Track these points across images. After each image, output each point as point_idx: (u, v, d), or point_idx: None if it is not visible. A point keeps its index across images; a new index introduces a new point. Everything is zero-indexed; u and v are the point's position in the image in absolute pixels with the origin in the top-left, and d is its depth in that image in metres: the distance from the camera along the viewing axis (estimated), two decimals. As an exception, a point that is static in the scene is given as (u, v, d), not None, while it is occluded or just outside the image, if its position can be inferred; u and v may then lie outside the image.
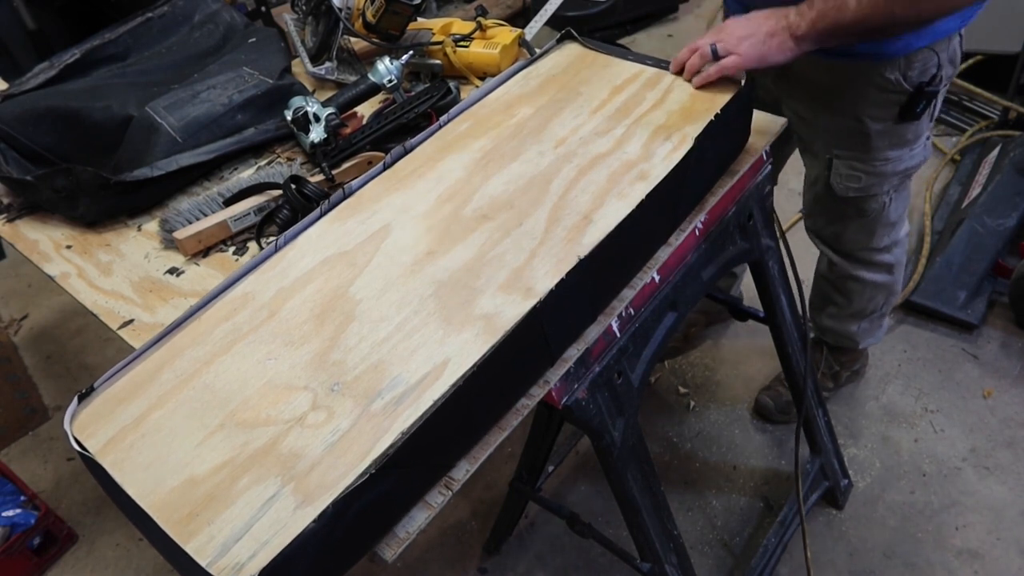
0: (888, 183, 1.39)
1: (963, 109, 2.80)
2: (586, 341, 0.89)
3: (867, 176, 1.37)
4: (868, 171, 1.36)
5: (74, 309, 2.48)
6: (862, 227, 1.50)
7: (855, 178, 1.38)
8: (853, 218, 1.48)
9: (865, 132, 1.31)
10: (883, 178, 1.38)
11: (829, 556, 1.65)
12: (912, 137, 1.33)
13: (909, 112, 1.27)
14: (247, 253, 1.10)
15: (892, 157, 1.34)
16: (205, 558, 0.64)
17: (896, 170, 1.37)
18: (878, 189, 1.40)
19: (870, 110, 1.29)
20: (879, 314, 1.73)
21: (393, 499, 0.73)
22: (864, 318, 1.72)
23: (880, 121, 1.30)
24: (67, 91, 1.26)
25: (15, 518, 1.78)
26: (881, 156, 1.34)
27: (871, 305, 1.68)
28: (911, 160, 1.37)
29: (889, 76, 1.24)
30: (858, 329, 1.75)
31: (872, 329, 1.77)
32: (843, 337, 1.78)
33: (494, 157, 1.00)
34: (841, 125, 1.33)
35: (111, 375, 0.80)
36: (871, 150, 1.33)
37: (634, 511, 1.10)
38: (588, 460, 1.88)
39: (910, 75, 1.23)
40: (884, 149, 1.33)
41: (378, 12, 1.37)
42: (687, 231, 1.01)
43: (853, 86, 1.28)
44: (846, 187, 1.40)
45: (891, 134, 1.31)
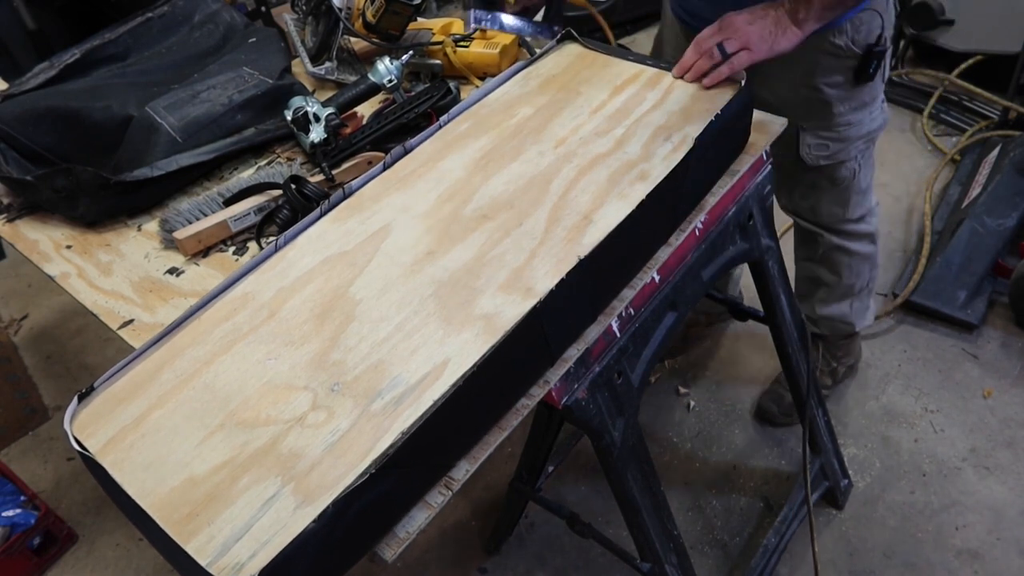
0: (855, 148, 1.44)
1: (963, 109, 2.80)
2: (586, 341, 0.89)
3: (834, 143, 1.42)
4: (834, 137, 1.41)
5: (74, 309, 2.48)
6: (836, 198, 1.54)
7: (823, 146, 1.42)
8: (826, 189, 1.52)
9: (825, 100, 1.36)
10: (849, 143, 1.43)
11: (829, 556, 1.65)
12: (869, 99, 1.39)
13: (863, 74, 1.33)
14: (247, 253, 1.10)
15: (854, 121, 1.40)
16: (205, 558, 0.64)
17: (860, 134, 1.42)
18: (846, 155, 1.45)
19: (826, 78, 1.34)
20: (867, 290, 1.76)
21: (393, 499, 0.73)
22: (855, 295, 1.75)
23: (837, 87, 1.35)
24: (67, 91, 1.26)
25: (15, 518, 1.78)
26: (843, 121, 1.39)
27: (859, 280, 1.72)
28: (872, 123, 1.43)
29: (838, 42, 1.29)
30: (850, 309, 1.77)
31: (863, 308, 1.79)
32: (838, 322, 1.80)
33: (494, 157, 1.00)
34: (801, 97, 1.37)
35: (111, 375, 0.80)
36: (833, 116, 1.38)
37: (634, 511, 1.10)
38: (588, 460, 1.88)
39: (857, 39, 1.29)
40: (846, 114, 1.39)
41: (378, 12, 1.37)
42: (687, 231, 1.01)
43: (806, 57, 1.31)
44: (816, 156, 1.44)
45: (849, 98, 1.37)
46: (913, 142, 2.74)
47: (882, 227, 2.39)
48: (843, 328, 1.82)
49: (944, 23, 2.76)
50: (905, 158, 2.67)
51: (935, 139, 2.70)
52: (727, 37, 1.08)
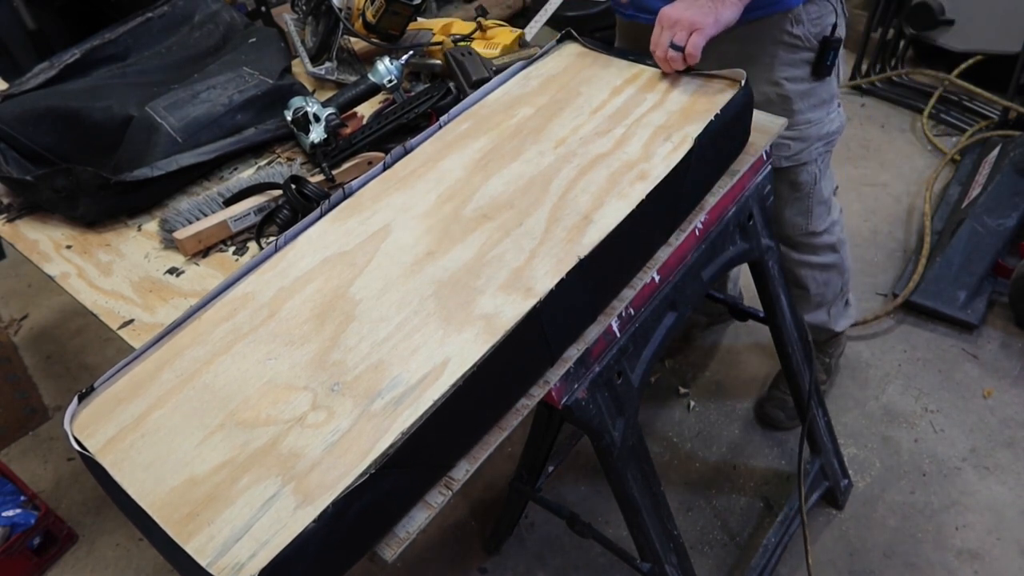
0: (815, 149, 1.46)
1: (963, 109, 2.80)
2: (586, 341, 0.89)
3: (795, 142, 1.43)
4: (795, 136, 1.43)
5: (74, 309, 2.48)
6: (798, 206, 1.55)
7: (784, 146, 1.44)
8: (787, 196, 1.53)
9: (785, 95, 1.38)
10: (809, 143, 1.44)
11: (829, 556, 1.65)
12: (828, 97, 1.42)
13: (820, 67, 1.36)
14: (247, 253, 1.10)
15: (814, 119, 1.42)
16: (205, 558, 0.64)
17: (820, 133, 1.44)
18: (807, 156, 1.46)
19: (785, 71, 1.36)
20: (841, 295, 1.77)
21: (393, 499, 0.73)
22: (829, 304, 1.76)
23: (796, 81, 1.37)
24: (67, 91, 1.26)
25: (15, 518, 1.78)
26: (803, 119, 1.41)
27: (828, 291, 1.73)
28: (831, 124, 1.45)
29: (796, 32, 1.31)
30: (828, 316, 1.78)
31: (840, 312, 1.80)
32: (818, 329, 1.81)
33: (494, 157, 1.00)
34: (762, 94, 1.38)
35: (111, 375, 0.80)
36: (794, 113, 1.40)
37: (634, 511, 1.10)
38: (588, 460, 1.88)
39: (813, 30, 1.32)
40: (805, 111, 1.41)
41: (378, 12, 1.37)
42: (687, 231, 1.01)
43: (765, 51, 1.33)
44: (778, 158, 1.45)
45: (809, 95, 1.39)
46: (913, 142, 2.74)
47: (882, 227, 2.40)
48: (824, 333, 1.84)
49: (944, 23, 2.76)
50: (905, 158, 2.67)
51: (935, 139, 2.70)
52: (672, 32, 1.08)
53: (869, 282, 2.22)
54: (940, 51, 2.84)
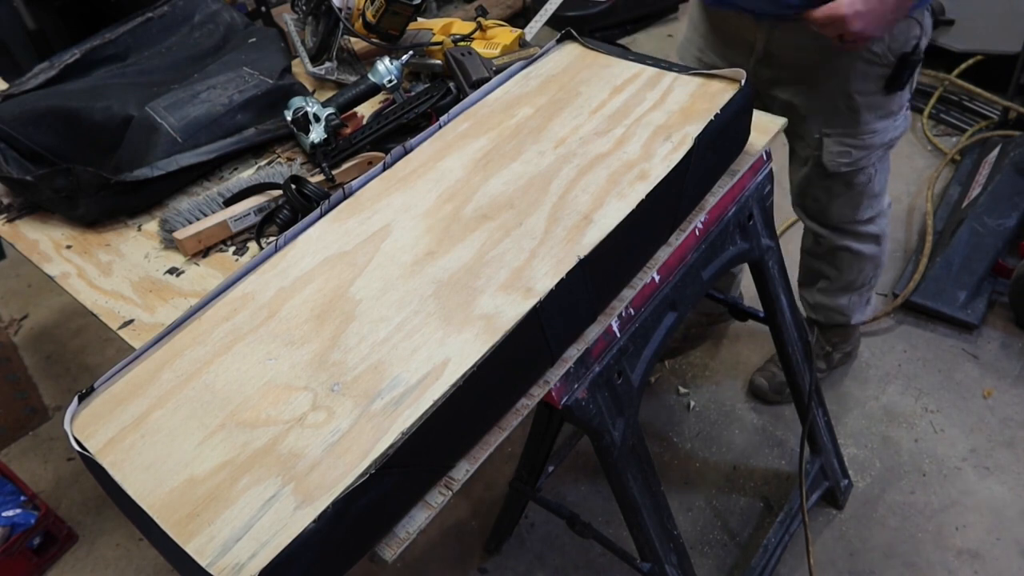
0: (875, 154, 1.45)
1: (963, 109, 2.80)
2: (586, 341, 0.89)
3: (856, 150, 1.42)
4: (857, 145, 1.42)
5: (74, 309, 2.48)
6: (848, 200, 1.55)
7: (845, 153, 1.43)
8: (841, 192, 1.53)
9: (854, 107, 1.36)
10: (871, 150, 1.43)
11: (829, 556, 1.65)
12: (896, 108, 1.40)
13: (895, 82, 1.34)
14: (247, 253, 1.10)
15: (879, 129, 1.40)
16: (205, 558, 0.64)
17: (883, 141, 1.43)
18: (866, 162, 1.45)
19: (858, 84, 1.34)
20: (868, 287, 1.77)
21: (393, 499, 0.73)
22: (854, 291, 1.76)
23: (868, 95, 1.35)
24: (67, 91, 1.26)
25: (15, 518, 1.78)
26: (869, 129, 1.40)
27: (860, 277, 1.72)
28: (895, 131, 1.43)
29: (876, 49, 1.29)
30: (848, 303, 1.78)
31: (861, 303, 1.80)
32: (834, 312, 1.81)
33: (494, 157, 1.00)
34: (831, 103, 1.37)
35: (111, 375, 0.80)
36: (860, 124, 1.39)
37: (634, 511, 1.10)
38: (588, 460, 1.88)
39: (894, 46, 1.29)
40: (872, 122, 1.39)
41: (378, 12, 1.37)
42: (687, 231, 1.01)
43: (841, 63, 1.32)
44: (837, 163, 1.44)
45: (878, 107, 1.37)
46: (913, 142, 2.74)
47: (882, 227, 2.40)
48: (838, 319, 1.83)
49: (944, 23, 2.76)
50: (905, 158, 2.67)
51: (935, 139, 2.70)
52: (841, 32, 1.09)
53: (869, 282, 2.22)
54: (940, 51, 2.84)
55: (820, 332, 1.89)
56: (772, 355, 1.98)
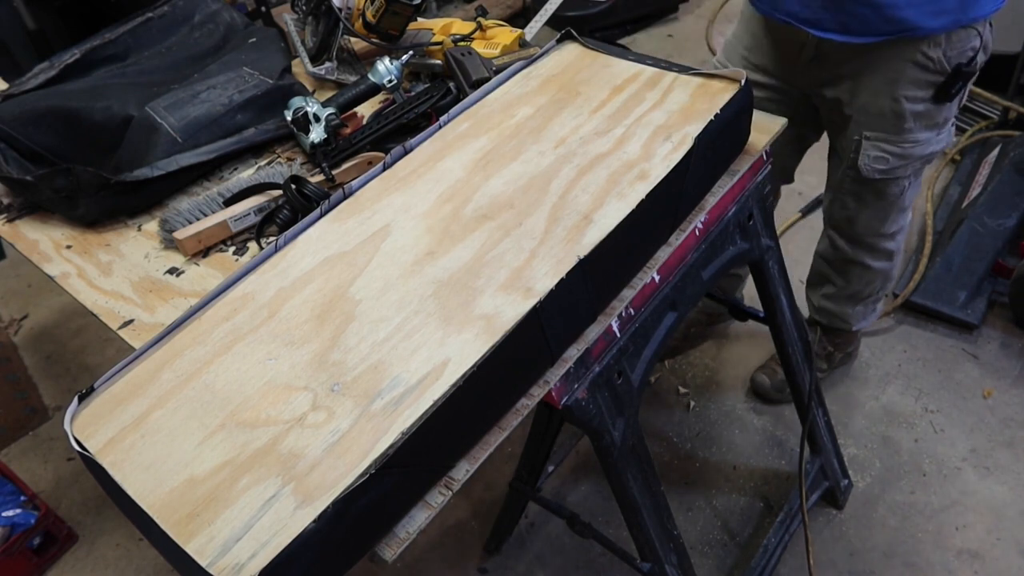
0: (912, 166, 1.42)
1: (963, 109, 2.79)
2: (586, 341, 0.89)
3: (894, 158, 1.39)
4: (896, 153, 1.39)
5: (74, 309, 2.48)
6: (877, 212, 1.52)
7: (883, 159, 1.40)
8: (871, 203, 1.51)
9: (900, 112, 1.33)
10: (909, 161, 1.40)
11: (829, 556, 1.65)
12: (942, 120, 1.37)
13: (945, 92, 1.30)
14: (247, 253, 1.10)
15: (921, 139, 1.37)
16: (205, 558, 0.64)
17: (923, 153, 1.40)
18: (902, 172, 1.43)
19: (908, 90, 1.31)
20: (874, 299, 1.76)
21: (393, 499, 0.73)
22: (860, 302, 1.75)
23: (916, 101, 1.32)
24: (67, 91, 1.26)
25: (15, 518, 1.78)
26: (911, 138, 1.37)
27: (868, 289, 1.72)
28: (937, 144, 1.40)
29: (931, 54, 1.26)
30: (852, 312, 1.78)
31: (866, 312, 1.80)
32: (836, 318, 1.81)
33: (494, 157, 1.00)
34: (878, 105, 1.34)
35: (111, 375, 0.80)
36: (903, 131, 1.36)
37: (634, 511, 1.10)
38: (588, 460, 1.88)
39: (950, 54, 1.26)
40: (916, 131, 1.36)
41: (378, 12, 1.37)
42: (687, 231, 1.01)
43: (894, 64, 1.29)
44: (872, 168, 1.42)
45: (925, 116, 1.34)
46: (913, 142, 2.74)
47: (882, 227, 2.40)
48: (840, 324, 1.83)
49: (944, 23, 2.75)
50: (905, 158, 2.67)
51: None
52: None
53: (869, 282, 2.22)
54: (940, 51, 2.83)
55: (823, 333, 1.89)
56: (772, 354, 1.98)
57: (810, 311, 1.90)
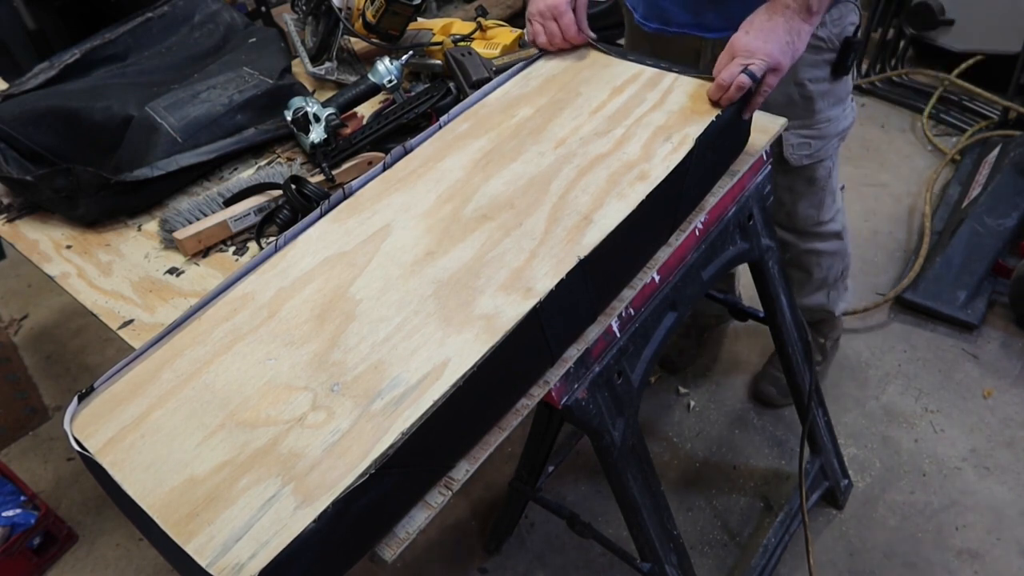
0: (831, 145, 1.47)
1: (963, 109, 2.80)
2: (586, 341, 0.89)
3: (815, 140, 1.44)
4: (815, 135, 1.43)
5: (74, 309, 2.48)
6: (812, 199, 1.57)
7: (805, 145, 1.44)
8: (803, 191, 1.55)
9: (808, 95, 1.38)
10: (828, 140, 1.45)
11: (829, 556, 1.65)
12: (844, 94, 1.43)
13: (841, 66, 1.36)
14: (247, 253, 1.10)
15: (832, 117, 1.43)
16: (205, 558, 0.64)
17: (837, 130, 1.45)
18: (824, 153, 1.47)
19: (808, 73, 1.36)
20: (841, 278, 1.79)
21: (393, 499, 0.73)
22: (828, 286, 1.78)
23: (819, 82, 1.37)
24: (67, 91, 1.26)
25: (15, 518, 1.78)
26: (823, 117, 1.42)
27: (831, 274, 1.75)
28: (846, 120, 1.46)
29: (821, 34, 1.31)
30: (827, 299, 1.80)
31: (840, 295, 1.82)
32: (817, 311, 1.83)
33: (494, 157, 1.00)
34: (786, 95, 1.38)
35: (111, 375, 0.80)
36: (815, 113, 1.40)
37: (634, 511, 1.10)
38: (588, 460, 1.88)
39: (835, 31, 1.31)
40: (825, 110, 1.41)
41: (378, 12, 1.37)
42: (687, 231, 1.01)
43: None
44: (799, 156, 1.46)
45: (830, 94, 1.40)
46: (913, 142, 2.74)
47: (882, 227, 2.40)
48: (822, 315, 1.85)
49: (944, 23, 2.76)
50: (905, 158, 2.67)
51: (935, 139, 2.70)
52: (749, 62, 1.00)
53: (870, 282, 2.22)
54: (940, 51, 2.84)
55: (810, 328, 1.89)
56: (771, 356, 1.98)
57: None
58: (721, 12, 1.29)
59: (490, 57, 1.33)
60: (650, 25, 1.40)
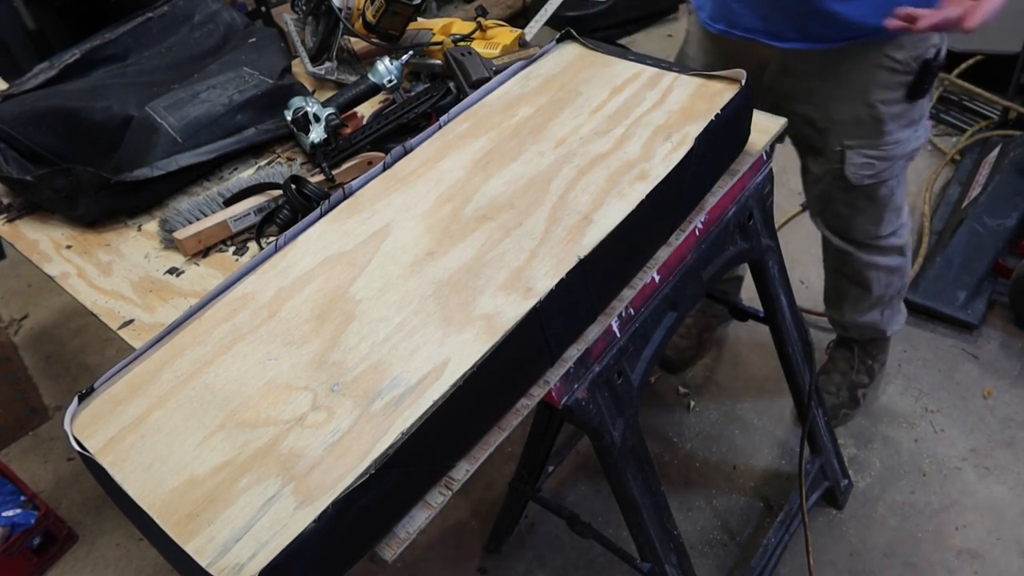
0: (897, 166, 1.43)
1: (963, 109, 2.80)
2: (586, 341, 0.89)
3: (880, 161, 1.40)
4: (881, 156, 1.39)
5: (74, 309, 2.48)
6: (872, 215, 1.52)
7: (869, 165, 1.40)
8: (864, 208, 1.51)
9: (878, 117, 1.34)
10: (893, 161, 1.41)
11: (829, 556, 1.65)
12: (918, 116, 1.38)
13: (917, 90, 1.31)
14: (247, 253, 1.10)
15: (902, 139, 1.38)
16: (205, 558, 0.64)
17: (905, 151, 1.40)
18: (888, 174, 1.43)
19: (881, 94, 1.31)
20: (897, 297, 1.75)
21: (393, 499, 0.73)
22: (884, 304, 1.74)
23: (891, 104, 1.33)
24: (67, 91, 1.26)
25: (15, 518, 1.78)
26: (892, 139, 1.37)
27: (889, 291, 1.71)
28: (916, 141, 1.41)
29: (897, 56, 1.26)
30: (882, 317, 1.76)
31: (895, 314, 1.79)
32: (870, 329, 1.79)
33: (494, 157, 1.00)
34: (853, 115, 1.35)
35: (111, 375, 0.80)
36: (883, 135, 1.36)
37: (634, 511, 1.10)
38: (588, 460, 1.88)
39: (916, 53, 1.27)
40: (895, 132, 1.36)
41: (378, 12, 1.37)
42: (687, 231, 1.01)
43: (863, 73, 1.29)
44: (861, 176, 1.42)
45: (901, 116, 1.35)
46: (913, 142, 2.74)
47: (882, 227, 2.40)
48: (875, 334, 1.82)
49: (944, 23, 2.75)
50: (905, 158, 2.67)
51: (935, 139, 2.70)
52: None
53: (869, 282, 2.22)
54: (940, 51, 2.83)
55: (859, 347, 1.88)
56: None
57: (840, 332, 1.87)
58: (791, 21, 1.25)
59: (490, 57, 1.33)
60: (716, 26, 1.36)
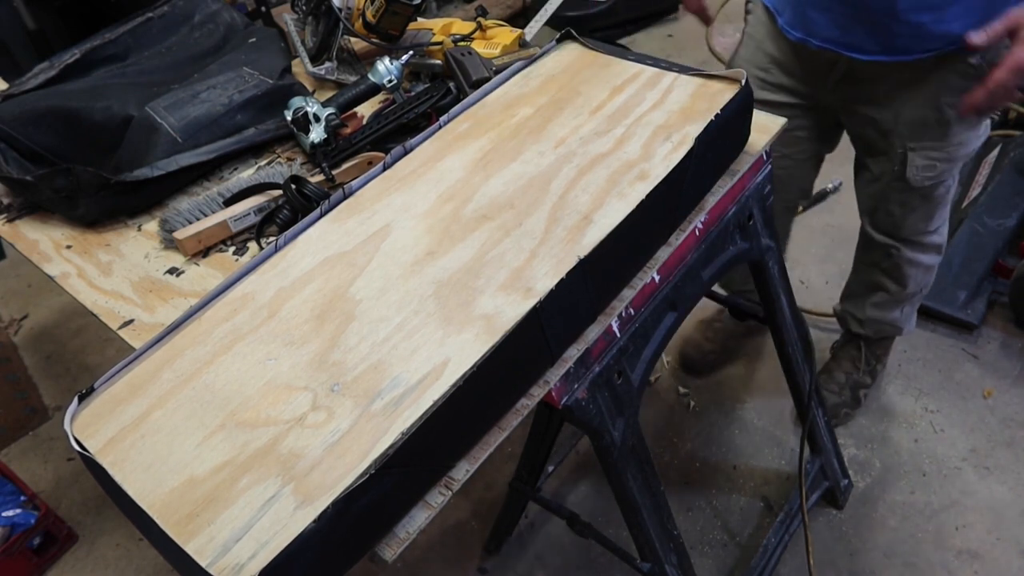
0: (957, 167, 1.43)
1: (963, 109, 2.80)
2: (586, 341, 0.89)
3: (942, 163, 1.40)
4: (944, 158, 1.39)
5: (74, 309, 2.48)
6: (924, 213, 1.53)
7: (931, 167, 1.40)
8: (918, 206, 1.51)
9: (944, 120, 1.34)
10: (955, 163, 1.41)
11: (829, 556, 1.65)
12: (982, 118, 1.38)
13: None
14: (247, 253, 1.10)
15: (965, 140, 1.38)
16: (205, 558, 0.64)
17: (967, 152, 1.41)
18: (948, 175, 1.43)
19: (950, 97, 1.30)
20: (920, 295, 1.75)
21: (393, 499, 0.73)
22: (907, 302, 1.74)
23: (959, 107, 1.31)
24: (67, 91, 1.26)
25: (15, 518, 1.78)
26: (956, 141, 1.37)
27: (920, 289, 1.71)
28: (977, 141, 1.41)
29: (973, 62, 1.26)
30: (901, 314, 1.76)
31: (912, 312, 1.79)
32: (886, 325, 1.79)
33: (494, 157, 1.00)
34: (920, 117, 1.34)
35: (111, 375, 0.80)
36: (948, 136, 1.36)
37: (634, 511, 1.10)
38: (588, 460, 1.88)
39: (988, 56, 1.26)
40: (959, 133, 1.36)
41: (378, 12, 1.37)
42: (687, 231, 1.01)
43: (935, 77, 1.29)
44: (923, 177, 1.42)
45: (967, 118, 1.34)
46: (913, 142, 2.74)
47: (882, 227, 2.40)
48: (889, 331, 1.81)
49: (944, 23, 2.75)
50: (905, 158, 2.67)
51: (935, 139, 2.70)
52: None
53: (869, 282, 2.22)
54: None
55: (867, 347, 1.87)
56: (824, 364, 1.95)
57: (853, 326, 1.84)
58: (873, 33, 1.24)
59: (490, 57, 1.33)
60: (794, 34, 1.36)
